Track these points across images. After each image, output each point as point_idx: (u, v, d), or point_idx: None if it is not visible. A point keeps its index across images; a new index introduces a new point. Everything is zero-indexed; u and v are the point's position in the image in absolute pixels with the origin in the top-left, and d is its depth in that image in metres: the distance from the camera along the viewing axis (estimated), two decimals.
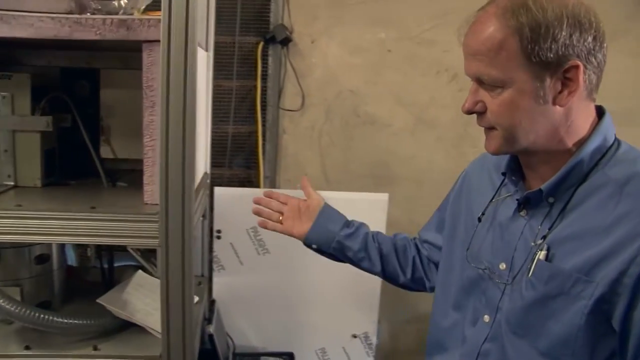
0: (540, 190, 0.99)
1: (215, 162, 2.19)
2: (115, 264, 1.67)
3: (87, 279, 1.63)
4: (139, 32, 1.19)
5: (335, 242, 1.36)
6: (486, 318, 1.07)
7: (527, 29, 0.91)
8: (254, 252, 1.93)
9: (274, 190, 1.46)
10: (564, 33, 0.90)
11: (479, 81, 0.98)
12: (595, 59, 0.93)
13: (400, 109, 2.43)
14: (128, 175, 1.52)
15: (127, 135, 1.57)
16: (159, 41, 1.17)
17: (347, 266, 1.95)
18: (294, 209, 1.41)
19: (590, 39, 0.92)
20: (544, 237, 0.98)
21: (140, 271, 1.54)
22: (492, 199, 1.13)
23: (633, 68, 2.43)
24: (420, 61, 2.41)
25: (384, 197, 1.98)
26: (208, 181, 1.78)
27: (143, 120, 1.24)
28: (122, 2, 1.24)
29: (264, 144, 2.32)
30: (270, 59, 2.31)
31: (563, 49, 0.91)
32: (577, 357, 0.94)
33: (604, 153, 0.98)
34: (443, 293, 1.22)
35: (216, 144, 2.23)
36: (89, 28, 1.17)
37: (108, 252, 1.53)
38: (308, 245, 1.39)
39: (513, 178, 1.07)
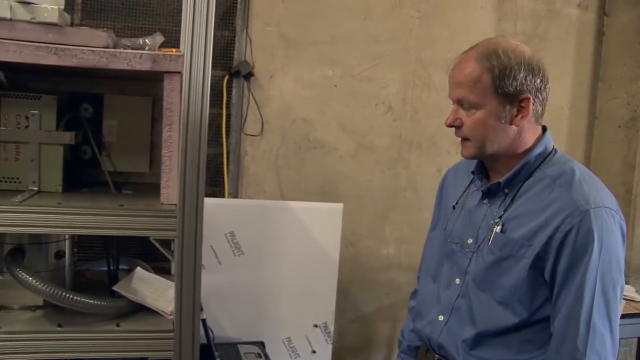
0: (499, 182, 1.33)
1: None
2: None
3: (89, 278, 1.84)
4: (162, 65, 1.45)
5: None
6: (457, 281, 1.39)
7: (497, 70, 1.24)
8: (231, 253, 2.16)
9: None
10: (521, 75, 1.24)
11: (459, 103, 1.30)
12: (541, 95, 1.28)
13: (344, 135, 2.72)
14: (124, 185, 1.73)
15: (125, 151, 1.80)
16: (178, 72, 1.47)
17: (308, 266, 2.28)
18: None
19: (538, 81, 1.26)
20: (500, 217, 1.31)
21: (138, 268, 1.76)
22: (464, 192, 1.46)
23: None
24: (361, 95, 2.71)
25: (338, 206, 2.26)
26: None
27: (162, 135, 1.51)
28: (147, 41, 1.52)
29: (228, 165, 2.55)
30: (234, 91, 2.54)
31: (520, 86, 1.24)
32: (522, 302, 1.26)
33: (544, 158, 1.31)
34: (425, 269, 1.55)
35: None
36: (122, 60, 1.43)
37: (115, 253, 1.74)
38: None
39: (479, 175, 1.41)
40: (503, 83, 1.24)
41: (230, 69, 2.54)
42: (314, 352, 2.27)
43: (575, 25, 2.97)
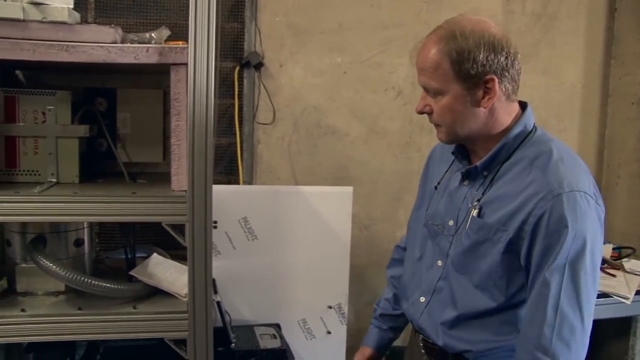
0: (476, 166, 1.29)
1: None
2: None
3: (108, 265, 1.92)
4: (168, 57, 1.50)
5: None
6: (439, 263, 1.36)
7: (455, 54, 1.18)
8: (245, 238, 2.23)
9: None
10: (481, 56, 1.17)
11: (426, 90, 1.26)
12: (508, 73, 1.21)
13: (355, 121, 2.76)
14: (139, 175, 1.80)
15: (139, 142, 1.86)
16: (184, 64, 1.52)
17: (321, 249, 2.33)
18: None
19: (502, 59, 1.19)
20: (479, 200, 1.27)
21: (155, 254, 1.84)
22: (446, 172, 1.42)
23: (543, 84, 2.95)
24: (371, 81, 2.75)
25: (348, 189, 2.30)
26: None
27: (171, 125, 1.56)
28: (152, 35, 1.59)
29: (242, 154, 2.61)
30: (245, 81, 2.60)
31: (482, 67, 1.18)
32: (497, 286, 1.24)
33: (524, 138, 1.26)
34: (411, 249, 1.52)
35: None
36: (130, 54, 1.49)
37: (131, 241, 1.82)
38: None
39: (459, 156, 1.36)
40: (463, 67, 1.18)
41: (241, 59, 2.60)
42: (329, 332, 2.33)
43: (585, 3, 2.94)
